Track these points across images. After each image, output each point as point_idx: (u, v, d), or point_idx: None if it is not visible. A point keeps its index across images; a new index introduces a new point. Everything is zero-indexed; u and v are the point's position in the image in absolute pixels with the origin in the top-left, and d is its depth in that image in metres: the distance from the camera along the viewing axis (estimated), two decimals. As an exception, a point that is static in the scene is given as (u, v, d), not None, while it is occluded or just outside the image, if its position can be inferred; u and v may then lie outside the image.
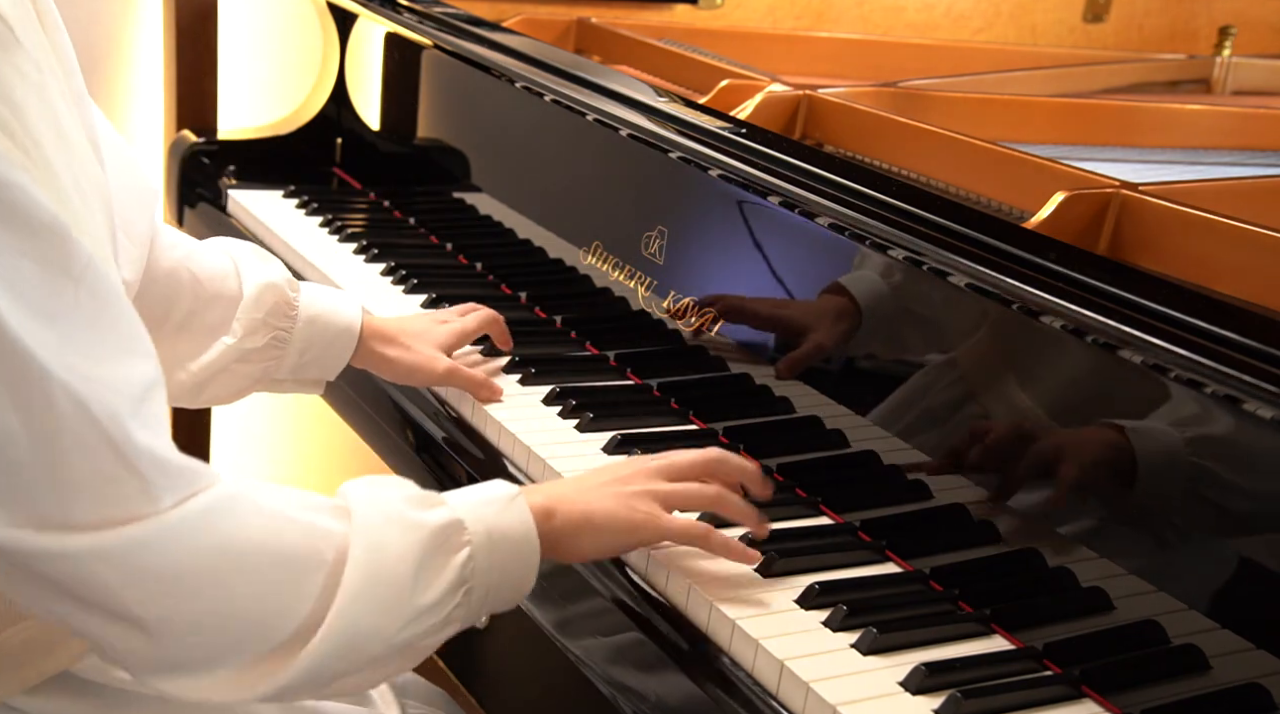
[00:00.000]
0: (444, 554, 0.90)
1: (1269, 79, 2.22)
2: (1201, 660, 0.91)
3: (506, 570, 0.94)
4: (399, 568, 0.87)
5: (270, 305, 1.26)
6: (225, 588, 0.82)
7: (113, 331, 0.80)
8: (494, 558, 0.93)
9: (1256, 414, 0.87)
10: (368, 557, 0.86)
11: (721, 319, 1.31)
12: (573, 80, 1.55)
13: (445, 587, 0.90)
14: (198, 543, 0.81)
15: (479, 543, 0.92)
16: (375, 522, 0.88)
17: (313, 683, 0.86)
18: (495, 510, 0.94)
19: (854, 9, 2.35)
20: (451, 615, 0.91)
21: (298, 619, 0.84)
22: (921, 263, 1.11)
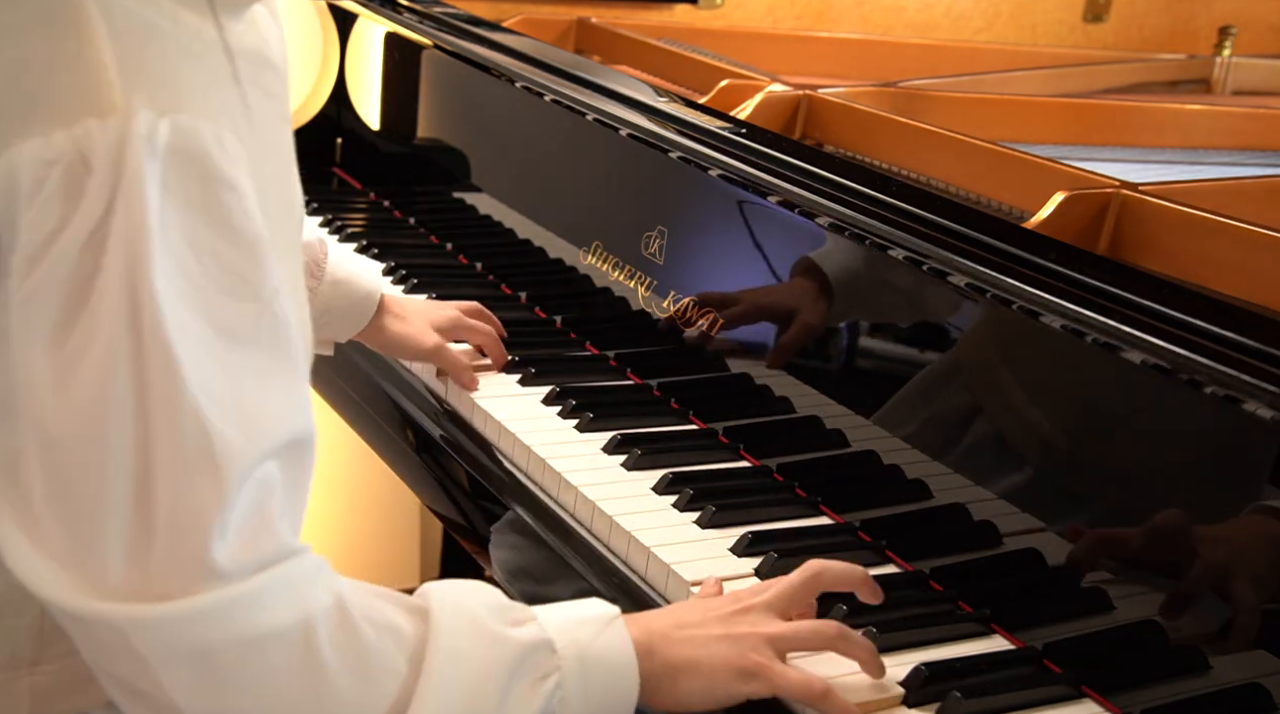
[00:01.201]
0: (532, 678, 0.80)
1: (1269, 79, 2.22)
2: (1201, 660, 0.91)
3: (599, 705, 0.82)
4: (483, 689, 0.77)
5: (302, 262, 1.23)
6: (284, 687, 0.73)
7: (276, 374, 0.74)
8: (586, 688, 0.81)
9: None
10: (447, 669, 0.76)
11: (716, 316, 1.31)
12: (573, 80, 1.55)
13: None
14: (262, 625, 0.72)
15: (569, 669, 0.81)
16: (461, 630, 0.78)
17: None
18: (590, 633, 0.83)
19: (854, 9, 2.35)
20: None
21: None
22: (922, 263, 1.11)
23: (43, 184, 0.68)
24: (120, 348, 0.68)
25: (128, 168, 0.67)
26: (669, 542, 1.10)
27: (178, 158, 0.69)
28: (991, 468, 1.07)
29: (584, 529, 1.15)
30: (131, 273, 0.67)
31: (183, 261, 0.69)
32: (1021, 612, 1.03)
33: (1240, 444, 0.90)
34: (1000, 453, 1.07)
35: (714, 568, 1.06)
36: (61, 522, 0.70)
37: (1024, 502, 1.03)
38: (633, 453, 1.23)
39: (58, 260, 0.68)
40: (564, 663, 0.81)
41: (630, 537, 1.10)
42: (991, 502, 1.05)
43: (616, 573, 1.09)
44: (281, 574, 0.73)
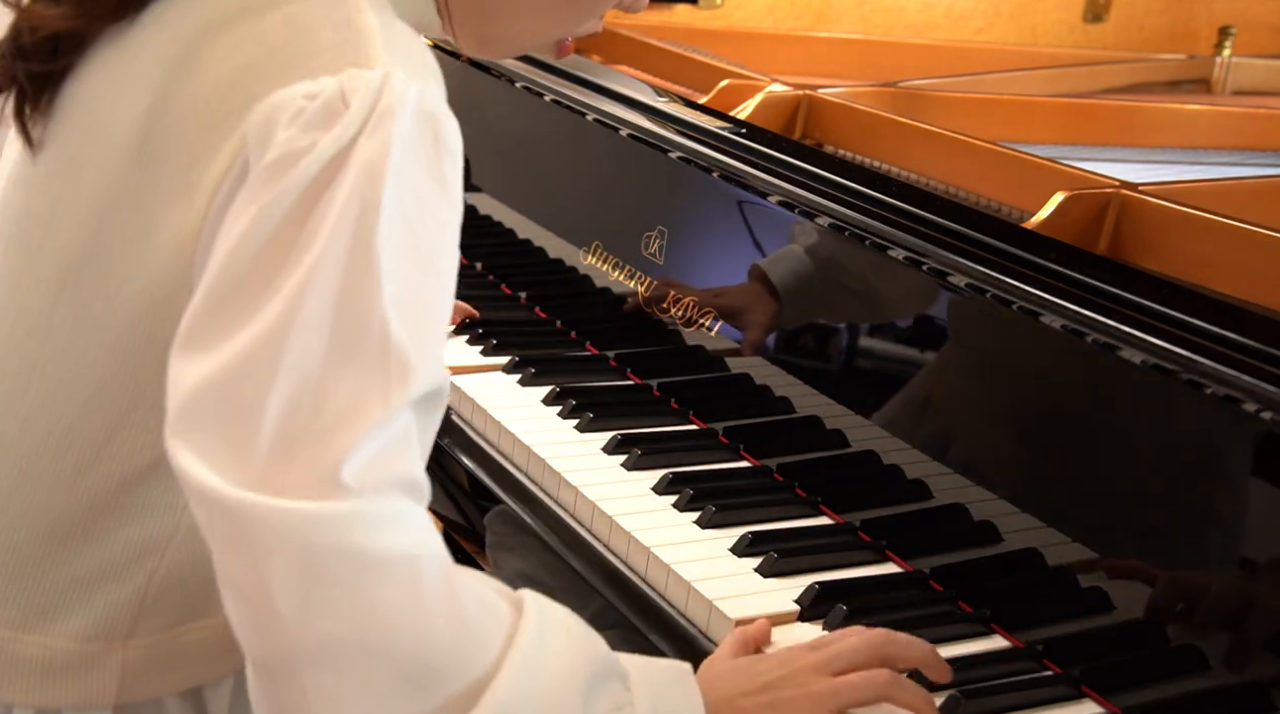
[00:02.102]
0: (605, 695, 0.78)
1: (1269, 79, 2.22)
2: (1201, 660, 0.91)
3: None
4: (566, 677, 0.77)
5: None
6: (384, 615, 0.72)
7: (443, 323, 0.79)
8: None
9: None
10: (537, 651, 0.76)
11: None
12: (573, 80, 1.55)
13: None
14: (375, 545, 0.71)
15: (641, 707, 0.79)
16: (552, 625, 0.78)
17: None
18: (665, 680, 0.83)
19: (854, 9, 2.35)
20: None
21: (460, 682, 0.73)
22: (922, 263, 1.11)
23: (302, 113, 0.75)
24: (336, 249, 0.73)
25: (380, 106, 0.75)
26: (669, 542, 1.10)
27: (420, 117, 0.77)
28: (991, 467, 1.07)
29: (584, 529, 1.15)
30: (365, 189, 0.74)
31: (404, 200, 0.76)
32: (1021, 612, 1.03)
33: (1240, 444, 0.90)
34: (1000, 452, 1.07)
35: (714, 568, 1.07)
36: (227, 400, 0.72)
37: (1024, 502, 1.04)
38: (633, 453, 1.23)
39: (302, 172, 0.74)
40: (638, 699, 0.80)
41: (630, 537, 1.10)
42: (991, 502, 1.06)
43: (617, 573, 1.09)
44: (406, 507, 0.73)
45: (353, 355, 0.73)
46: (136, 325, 0.83)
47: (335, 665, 0.71)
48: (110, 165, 0.84)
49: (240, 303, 0.74)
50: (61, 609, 0.87)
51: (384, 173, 0.74)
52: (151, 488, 0.85)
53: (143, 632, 0.88)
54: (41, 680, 0.88)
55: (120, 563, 0.86)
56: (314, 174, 0.74)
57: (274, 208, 0.74)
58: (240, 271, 0.74)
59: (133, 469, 0.85)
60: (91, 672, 0.88)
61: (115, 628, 0.88)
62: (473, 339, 1.48)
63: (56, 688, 0.88)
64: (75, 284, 0.85)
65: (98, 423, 0.85)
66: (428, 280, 0.77)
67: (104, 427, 0.85)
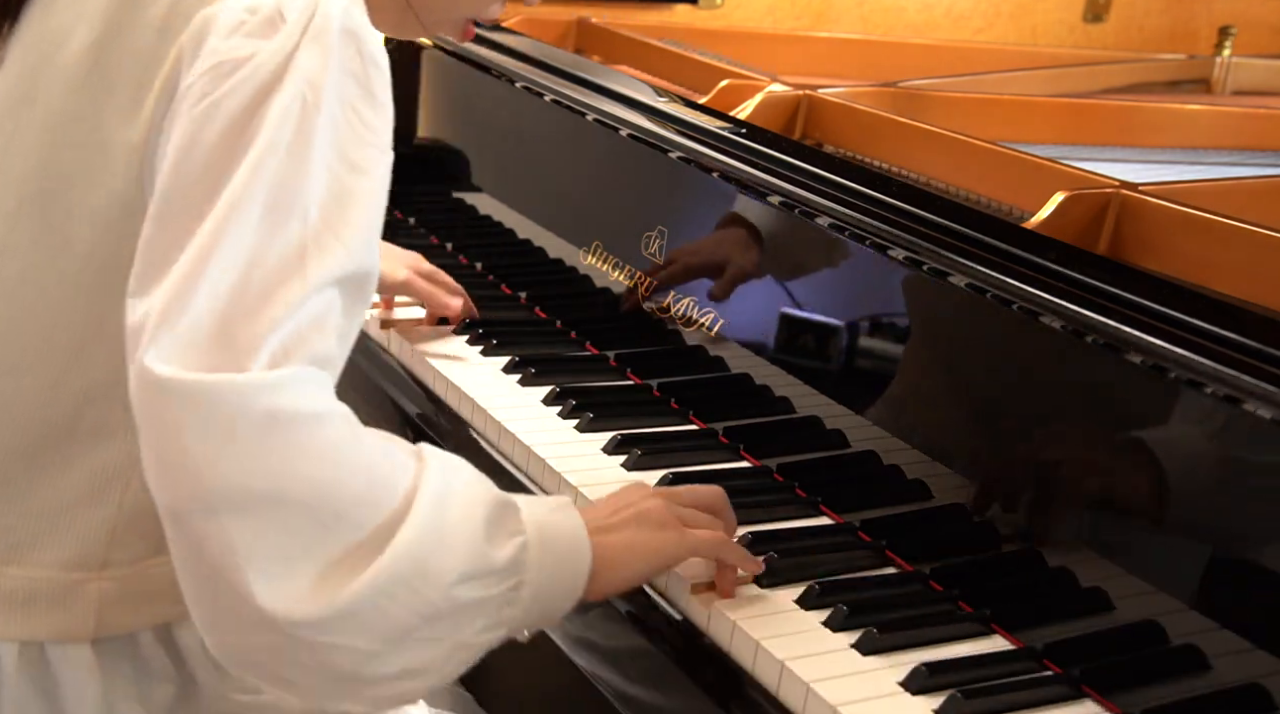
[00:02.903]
0: (503, 531, 0.87)
1: (1269, 79, 2.22)
2: (1201, 660, 0.91)
3: (555, 575, 0.89)
4: (466, 519, 0.84)
5: None
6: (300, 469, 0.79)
7: (371, 211, 0.87)
8: (544, 557, 0.88)
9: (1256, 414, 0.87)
10: (439, 496, 0.83)
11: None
12: (573, 80, 1.55)
13: (505, 558, 0.86)
14: (284, 406, 0.78)
15: (532, 535, 0.88)
16: (449, 473, 0.86)
17: (369, 623, 0.79)
18: (546, 509, 0.91)
19: (854, 9, 2.35)
20: (502, 615, 0.86)
21: (370, 525, 0.80)
22: (922, 263, 1.11)
23: (241, 25, 0.84)
24: (277, 148, 0.82)
25: (315, 22, 0.84)
26: (669, 542, 1.09)
27: (347, 34, 0.86)
28: (991, 467, 1.07)
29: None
30: (308, 93, 0.83)
31: (339, 105, 0.85)
32: (1021, 612, 1.03)
33: (1240, 444, 0.90)
34: (999, 452, 1.07)
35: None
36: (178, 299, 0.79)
37: (1024, 502, 1.04)
38: (633, 453, 1.23)
39: (247, 77, 0.82)
40: (528, 528, 0.88)
41: (630, 537, 1.10)
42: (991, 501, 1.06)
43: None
44: (318, 377, 0.81)
45: (277, 237, 0.81)
46: (95, 249, 0.89)
47: (252, 513, 0.77)
48: (63, 94, 0.90)
49: (190, 208, 0.81)
50: (36, 541, 0.93)
51: (323, 81, 0.84)
52: (114, 409, 0.90)
53: (116, 563, 0.94)
54: (23, 612, 0.93)
55: (88, 491, 0.92)
56: (261, 79, 0.82)
57: (218, 113, 0.82)
58: (190, 176, 0.82)
59: (94, 391, 0.90)
60: (70, 603, 0.94)
61: (89, 558, 0.93)
62: (473, 339, 1.48)
63: (37, 620, 0.93)
64: (32, 213, 0.91)
65: (60, 347, 0.91)
66: (355, 175, 0.86)
67: (66, 352, 0.91)
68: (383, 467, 0.82)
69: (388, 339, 1.50)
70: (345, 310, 0.83)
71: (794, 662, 0.95)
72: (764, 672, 0.97)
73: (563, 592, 0.91)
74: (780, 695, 0.95)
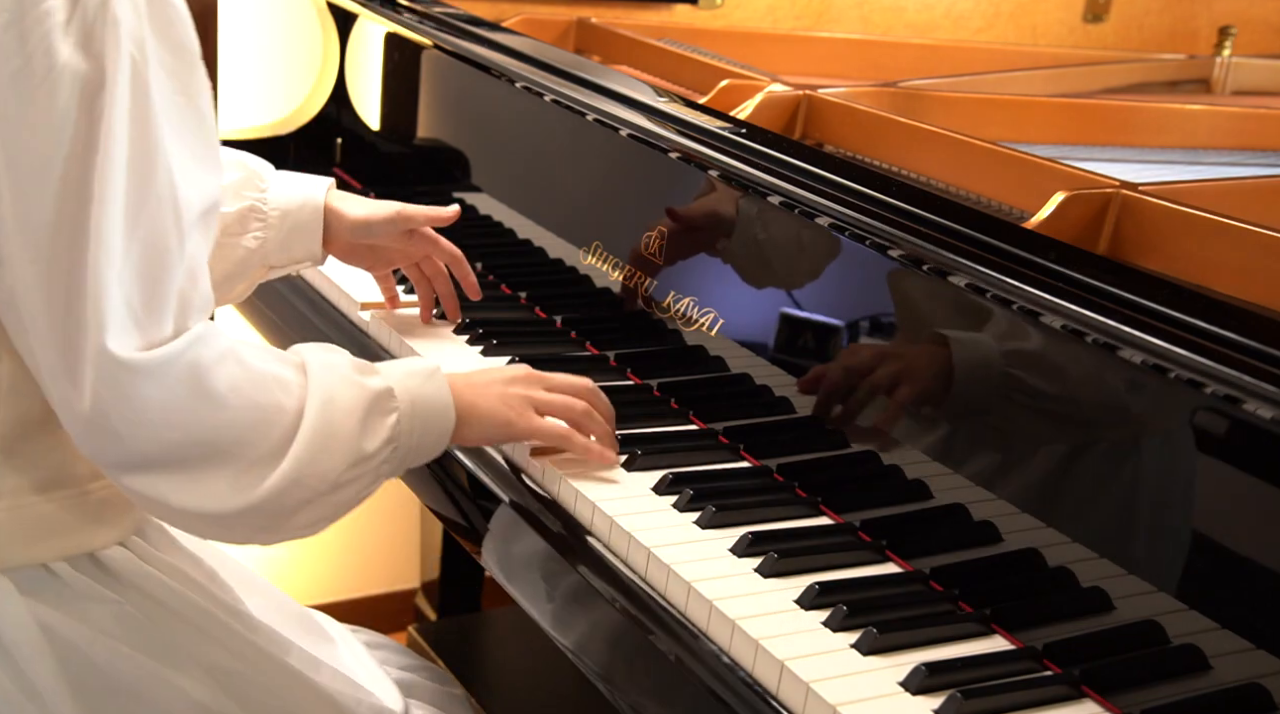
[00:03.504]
0: (380, 415, 1.08)
1: (1269, 79, 2.22)
2: (1201, 660, 0.91)
3: (424, 436, 1.12)
4: (347, 421, 1.05)
5: (241, 178, 1.38)
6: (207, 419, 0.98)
7: (209, 142, 0.99)
8: (415, 423, 1.10)
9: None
10: (323, 407, 1.04)
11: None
12: (573, 80, 1.55)
13: (379, 442, 1.07)
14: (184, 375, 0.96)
15: (405, 410, 1.09)
16: (330, 380, 1.05)
17: (279, 508, 1.02)
18: (418, 382, 1.12)
19: (854, 9, 2.35)
20: (380, 470, 1.08)
21: (268, 445, 1.01)
22: (921, 263, 1.11)
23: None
24: (122, 100, 0.92)
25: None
26: (669, 542, 1.10)
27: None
28: (991, 467, 1.07)
29: (585, 530, 1.15)
30: (135, 54, 0.93)
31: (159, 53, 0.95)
32: (1021, 612, 1.03)
33: (1240, 444, 0.90)
34: (999, 452, 1.07)
35: (714, 568, 1.07)
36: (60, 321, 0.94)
37: (1024, 501, 1.04)
38: (633, 453, 1.22)
39: (47, 34, 0.90)
40: (401, 405, 1.09)
41: (631, 537, 1.10)
42: (991, 502, 1.06)
43: (617, 574, 1.09)
44: (208, 325, 0.98)
45: (144, 213, 0.94)
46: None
47: (177, 465, 0.98)
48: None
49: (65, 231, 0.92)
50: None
51: (144, 35, 0.93)
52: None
53: (6, 493, 1.04)
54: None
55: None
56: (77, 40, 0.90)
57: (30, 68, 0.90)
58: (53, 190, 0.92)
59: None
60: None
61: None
62: (473, 339, 1.48)
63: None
64: None
65: None
66: (189, 108, 0.97)
67: None
68: (274, 393, 1.02)
69: (387, 338, 1.50)
70: (206, 243, 0.99)
71: (793, 661, 0.95)
72: (763, 671, 0.97)
73: (430, 446, 1.13)
74: (780, 695, 0.95)
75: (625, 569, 1.09)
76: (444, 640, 2.14)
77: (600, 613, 1.09)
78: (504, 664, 2.16)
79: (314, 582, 2.50)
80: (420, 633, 2.16)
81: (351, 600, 2.51)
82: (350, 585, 2.53)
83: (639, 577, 1.08)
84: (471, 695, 1.91)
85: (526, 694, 2.04)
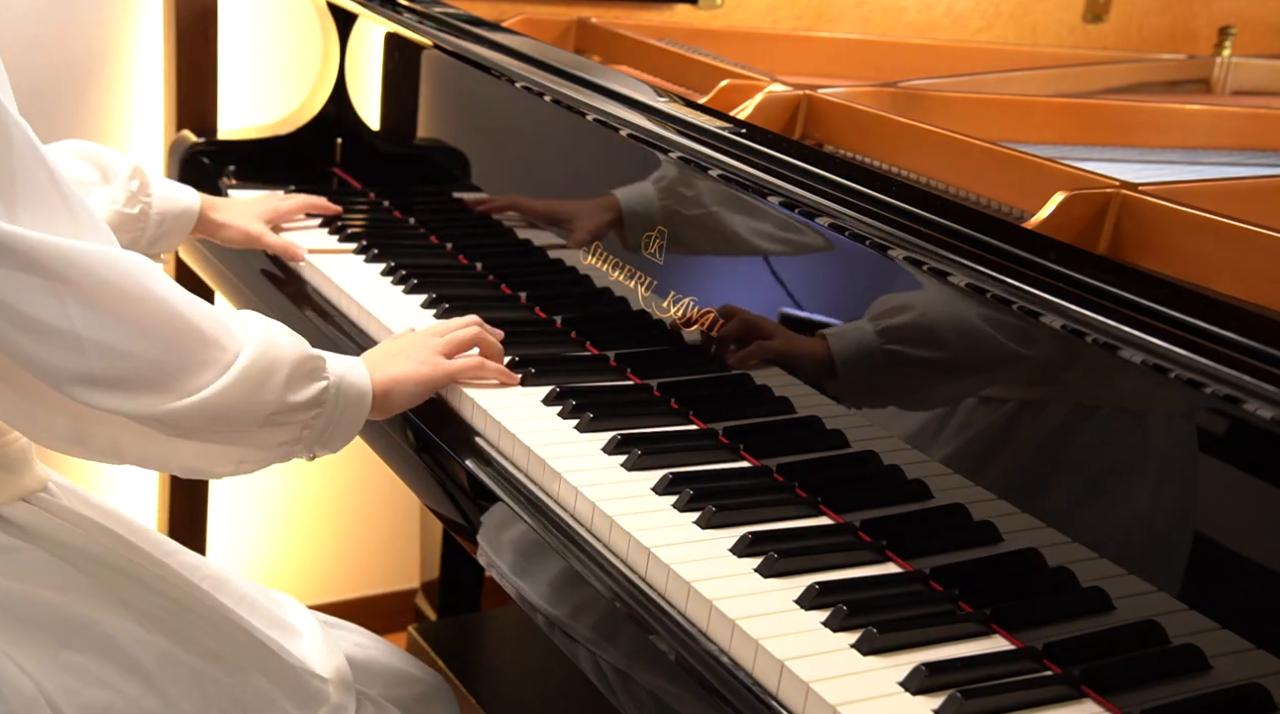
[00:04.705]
0: (310, 376, 1.18)
1: (1269, 79, 2.22)
2: (1201, 660, 0.91)
3: (345, 413, 1.21)
4: (279, 365, 1.14)
5: (139, 185, 1.58)
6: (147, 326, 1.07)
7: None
8: (339, 398, 1.20)
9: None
10: (262, 348, 1.13)
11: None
12: (573, 80, 1.55)
13: (306, 398, 1.17)
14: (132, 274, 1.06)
15: (333, 382, 1.20)
16: (272, 330, 1.16)
17: (201, 424, 1.11)
18: (346, 365, 1.23)
19: (854, 9, 2.35)
20: (301, 434, 1.19)
21: (202, 374, 1.10)
22: (922, 263, 1.11)
23: None
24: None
25: None
26: (669, 542, 1.10)
27: None
28: (991, 467, 1.07)
29: (584, 529, 1.15)
30: None
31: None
32: (1021, 612, 1.03)
33: (1240, 443, 0.90)
34: (1000, 452, 1.07)
35: (714, 568, 1.07)
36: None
37: (1024, 501, 1.04)
38: (633, 453, 1.23)
39: None
40: (331, 377, 1.20)
41: (630, 537, 1.10)
42: (991, 502, 1.06)
43: (617, 573, 1.09)
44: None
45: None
46: None
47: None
48: None
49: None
50: None
51: None
52: None
53: None
54: None
55: None
56: None
57: None
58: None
59: None
60: None
61: None
62: (473, 339, 1.48)
63: None
64: None
65: None
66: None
67: None
68: (222, 320, 1.13)
69: (376, 334, 1.50)
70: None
71: (793, 661, 0.95)
72: (763, 671, 0.97)
73: (347, 425, 1.23)
74: (780, 695, 0.95)
75: (625, 569, 1.09)
76: (444, 640, 2.14)
77: (600, 613, 1.09)
78: (504, 664, 2.16)
79: (314, 581, 2.50)
80: (420, 633, 2.16)
81: (351, 600, 2.51)
82: (350, 585, 2.53)
83: (639, 576, 1.08)
84: (471, 695, 1.92)
85: (526, 694, 2.04)
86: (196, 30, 2.08)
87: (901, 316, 1.13)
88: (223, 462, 1.17)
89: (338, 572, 2.52)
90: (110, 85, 2.11)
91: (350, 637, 1.46)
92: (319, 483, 2.46)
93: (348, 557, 2.52)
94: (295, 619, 1.38)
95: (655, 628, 1.04)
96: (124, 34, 2.10)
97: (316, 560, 2.50)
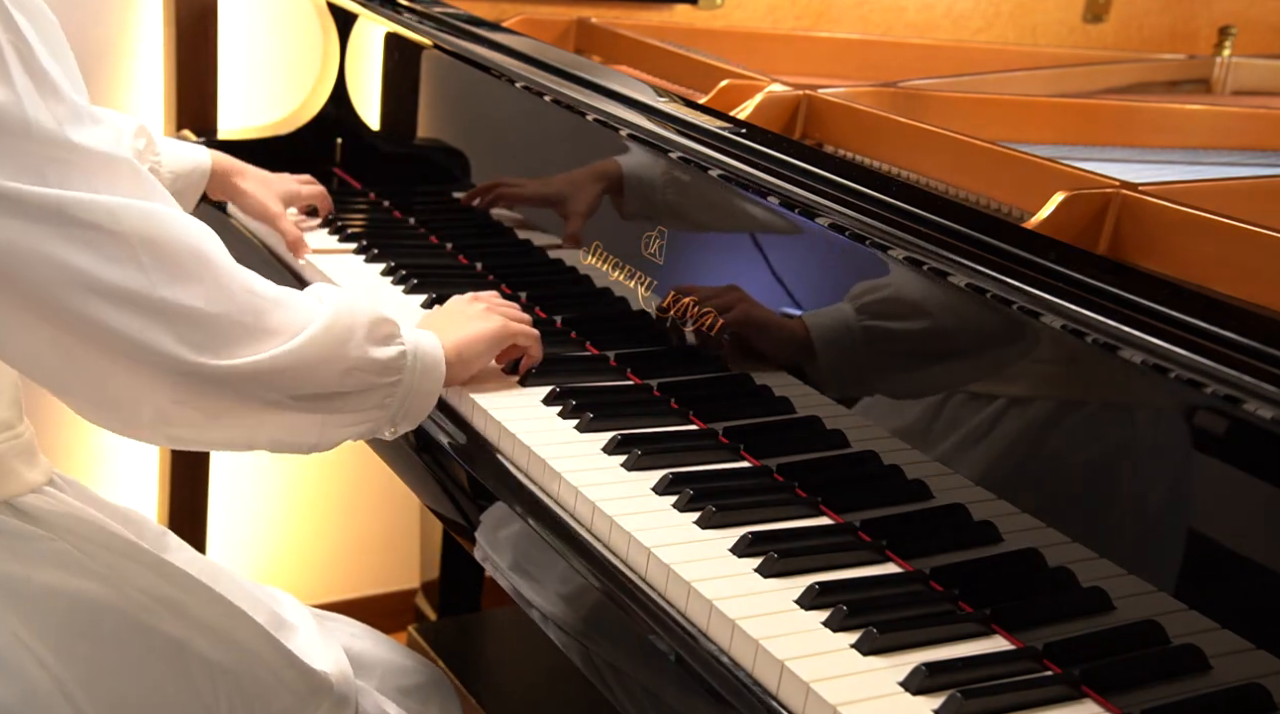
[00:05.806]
0: (387, 339, 1.18)
1: (1269, 79, 2.22)
2: (1201, 660, 0.91)
3: (422, 380, 1.22)
4: (358, 318, 1.15)
5: (145, 143, 1.58)
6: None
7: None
8: (415, 365, 1.21)
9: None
10: (342, 301, 1.15)
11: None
12: (573, 80, 1.55)
13: (386, 357, 1.17)
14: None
15: (409, 348, 1.20)
16: (347, 297, 1.16)
17: (289, 381, 1.10)
18: (417, 333, 1.24)
19: (854, 9, 2.35)
20: (383, 401, 1.19)
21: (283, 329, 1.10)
22: (922, 263, 1.11)
23: None
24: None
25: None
26: (669, 542, 1.10)
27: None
28: (991, 467, 1.07)
29: (584, 529, 1.15)
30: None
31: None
32: (1021, 612, 1.03)
33: (1240, 443, 0.90)
34: (1000, 452, 1.07)
35: (714, 568, 1.07)
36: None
37: (1024, 501, 1.04)
38: (633, 453, 1.23)
39: None
40: (406, 344, 1.20)
41: (630, 537, 1.10)
42: (991, 502, 1.06)
43: (617, 573, 1.09)
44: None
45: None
46: None
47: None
48: None
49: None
50: None
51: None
52: None
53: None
54: None
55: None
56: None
57: None
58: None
59: None
60: None
61: None
62: (473, 339, 1.48)
63: None
64: None
65: None
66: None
67: None
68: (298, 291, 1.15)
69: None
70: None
71: (793, 661, 0.95)
72: (763, 671, 0.97)
73: (424, 397, 1.22)
74: (780, 695, 0.95)
75: (625, 569, 1.09)
76: (444, 640, 2.14)
77: (600, 612, 1.09)
78: (504, 664, 2.16)
79: (314, 581, 2.50)
80: (420, 633, 2.16)
81: (351, 600, 2.51)
82: (350, 585, 2.53)
83: (639, 576, 1.08)
84: (471, 695, 1.92)
85: (526, 694, 2.04)
86: (196, 30, 2.08)
87: (900, 320, 1.13)
88: (306, 431, 1.15)
89: (337, 571, 2.52)
90: (110, 85, 2.11)
91: (344, 629, 1.46)
92: (319, 483, 2.46)
93: (347, 556, 2.53)
94: (291, 615, 1.37)
95: (655, 628, 1.04)
96: (124, 34, 2.10)
97: (316, 560, 2.50)
